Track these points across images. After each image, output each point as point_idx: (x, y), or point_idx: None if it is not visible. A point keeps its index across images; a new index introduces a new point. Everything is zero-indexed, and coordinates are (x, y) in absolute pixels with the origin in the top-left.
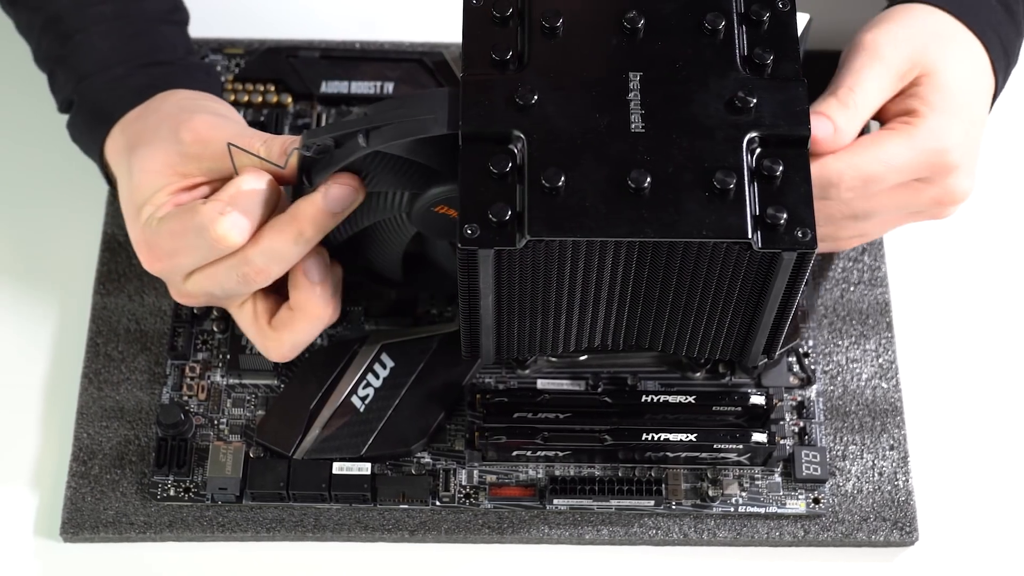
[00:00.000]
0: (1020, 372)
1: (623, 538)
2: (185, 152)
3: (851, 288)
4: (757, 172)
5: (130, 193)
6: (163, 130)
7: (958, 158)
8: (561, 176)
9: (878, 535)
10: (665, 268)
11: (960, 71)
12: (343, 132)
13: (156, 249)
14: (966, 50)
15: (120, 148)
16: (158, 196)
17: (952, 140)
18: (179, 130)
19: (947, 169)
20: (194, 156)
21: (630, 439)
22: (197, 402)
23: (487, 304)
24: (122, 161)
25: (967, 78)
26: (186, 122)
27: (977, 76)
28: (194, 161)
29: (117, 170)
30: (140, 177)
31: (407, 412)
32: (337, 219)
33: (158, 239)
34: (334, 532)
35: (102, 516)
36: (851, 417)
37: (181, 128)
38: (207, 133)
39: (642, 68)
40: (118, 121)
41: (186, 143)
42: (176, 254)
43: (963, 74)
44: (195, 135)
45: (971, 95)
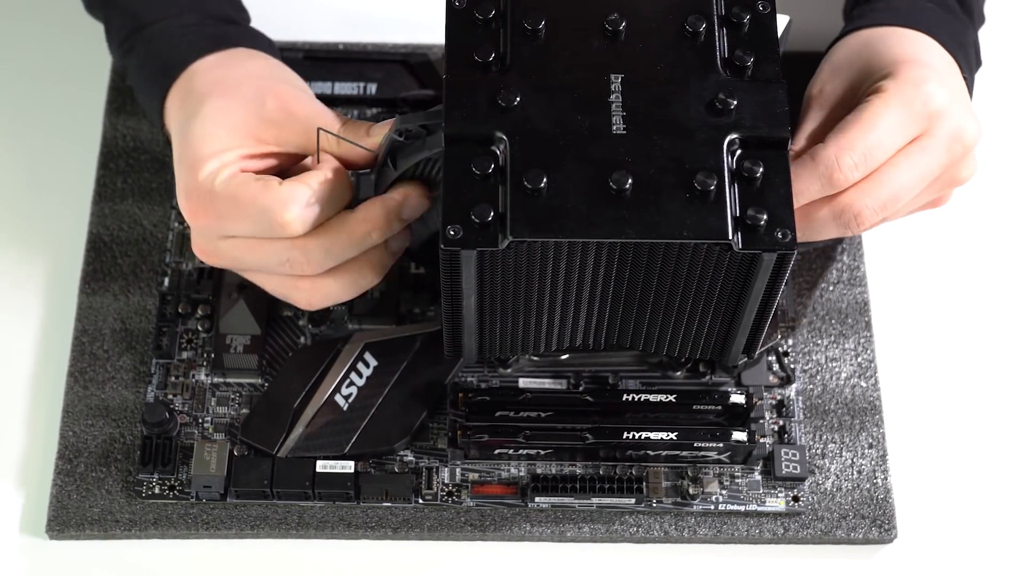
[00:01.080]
0: (997, 371)
1: (604, 536)
2: (266, 118)
3: (830, 287)
4: (737, 173)
5: (194, 141)
6: (247, 89)
7: (944, 100)
8: (543, 177)
9: (857, 533)
10: (646, 268)
11: (903, 48)
12: (434, 121)
13: (207, 206)
14: (904, 38)
15: (189, 94)
16: (227, 155)
17: (929, 86)
18: (265, 95)
19: (938, 114)
20: (274, 124)
21: (611, 438)
22: (182, 401)
23: (470, 304)
24: (190, 107)
25: (916, 48)
26: (272, 89)
27: (925, 47)
28: (273, 129)
29: (181, 114)
30: (212, 128)
31: (390, 411)
32: (403, 224)
33: (214, 199)
34: (317, 530)
35: (88, 514)
36: (830, 416)
37: (267, 94)
38: (292, 105)
39: (624, 70)
40: (191, 65)
41: (269, 110)
42: (227, 218)
43: (908, 48)
44: (280, 104)
45: (925, 56)
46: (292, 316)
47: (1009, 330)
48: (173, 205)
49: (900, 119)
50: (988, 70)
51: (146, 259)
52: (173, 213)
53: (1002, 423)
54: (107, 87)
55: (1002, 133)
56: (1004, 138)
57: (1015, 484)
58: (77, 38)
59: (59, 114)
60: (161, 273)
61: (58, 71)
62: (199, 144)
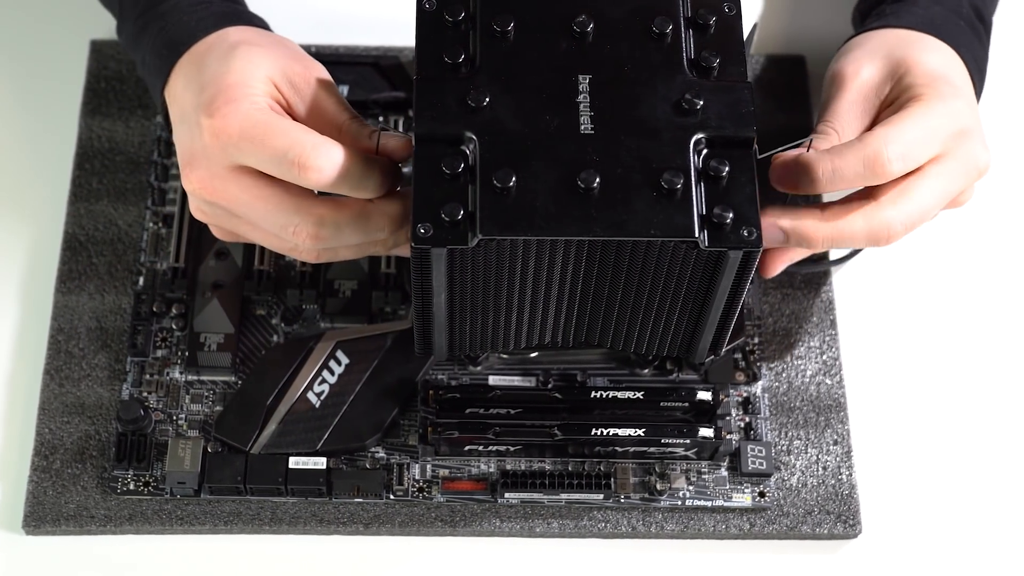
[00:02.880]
0: (959, 369)
1: (573, 531)
2: (294, 82)
3: (796, 286)
4: (704, 173)
5: (228, 73)
6: (281, 48)
7: (971, 123)
8: (512, 176)
9: (822, 528)
10: (614, 267)
11: (938, 60)
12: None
13: (229, 121)
14: (938, 50)
15: (213, 49)
16: (259, 87)
17: (959, 103)
18: (297, 59)
19: (964, 135)
20: (299, 90)
21: (580, 434)
22: (156, 398)
23: (440, 302)
24: (219, 53)
25: (948, 65)
26: (304, 59)
27: (955, 65)
28: (299, 94)
29: (204, 65)
30: (245, 66)
31: (361, 408)
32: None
33: (240, 117)
34: (290, 525)
35: (63, 509)
36: (796, 413)
37: (302, 59)
38: (323, 77)
39: (591, 71)
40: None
41: (297, 73)
42: (248, 139)
43: (942, 62)
44: (308, 75)
45: (956, 76)
46: (265, 315)
47: (971, 329)
48: (148, 206)
49: (937, 129)
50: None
51: (121, 259)
52: (148, 214)
53: (964, 420)
54: (82, 89)
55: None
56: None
57: (977, 480)
58: (53, 39)
59: (35, 115)
60: (136, 272)
61: (34, 73)
62: (235, 74)
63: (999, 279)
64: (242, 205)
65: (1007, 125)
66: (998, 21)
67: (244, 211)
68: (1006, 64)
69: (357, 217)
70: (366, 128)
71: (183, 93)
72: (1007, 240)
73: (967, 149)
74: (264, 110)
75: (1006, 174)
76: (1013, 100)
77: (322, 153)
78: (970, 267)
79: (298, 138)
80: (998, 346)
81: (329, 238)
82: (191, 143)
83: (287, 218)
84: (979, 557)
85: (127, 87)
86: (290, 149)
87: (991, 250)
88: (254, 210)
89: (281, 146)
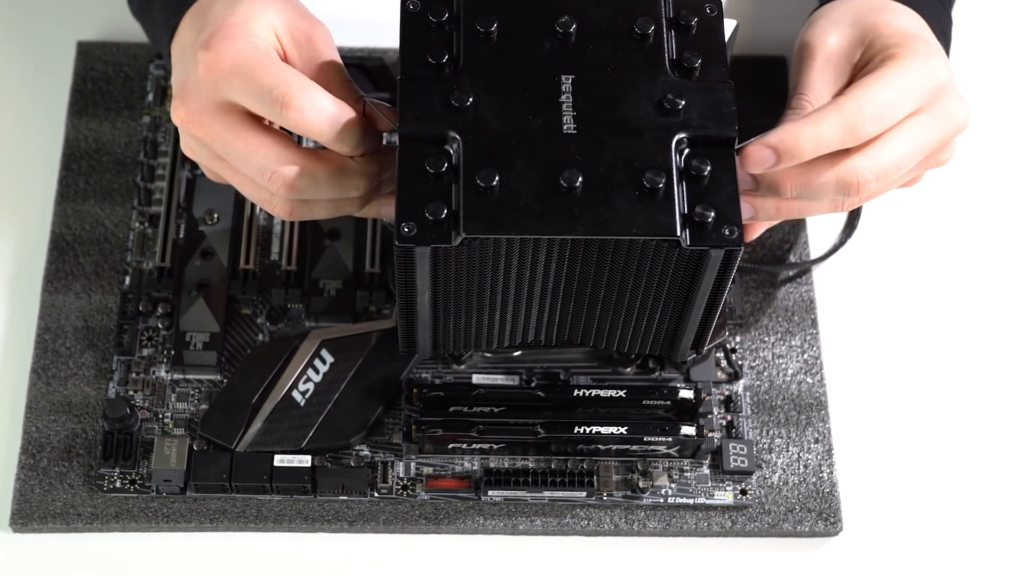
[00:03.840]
0: (939, 368)
1: (556, 528)
2: (296, 37)
3: (778, 286)
4: (686, 172)
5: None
6: (289, 4)
7: (947, 78)
8: (496, 176)
9: (803, 526)
10: (597, 265)
11: (907, 21)
12: None
13: (223, 55)
14: (905, 13)
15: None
16: (260, 31)
17: (935, 60)
18: (304, 17)
19: (941, 90)
20: (300, 45)
21: (563, 432)
22: (143, 397)
23: (424, 300)
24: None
25: (918, 25)
26: (310, 19)
27: (925, 27)
28: (298, 49)
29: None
30: (250, 11)
31: (346, 406)
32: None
33: (235, 51)
34: (275, 523)
35: (50, 507)
36: (777, 411)
37: (308, 18)
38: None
39: (574, 71)
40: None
41: (300, 29)
42: (237, 74)
43: (912, 22)
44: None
45: (928, 35)
46: (250, 314)
47: (951, 328)
48: (134, 206)
49: (913, 86)
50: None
51: (107, 258)
52: (134, 214)
53: (945, 419)
54: (69, 89)
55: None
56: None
57: (957, 478)
58: (40, 40)
59: (22, 116)
60: (122, 272)
61: (21, 74)
62: (238, 16)
63: (979, 278)
64: (225, 144)
65: (989, 124)
66: (999, 22)
67: (226, 151)
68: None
69: (335, 172)
70: (356, 93)
71: (186, 34)
72: (987, 240)
73: (945, 103)
74: (258, 49)
75: (987, 174)
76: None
77: (307, 95)
78: (950, 267)
79: (286, 77)
80: (978, 345)
81: (304, 189)
82: (185, 76)
83: (266, 163)
84: (959, 554)
85: (113, 88)
86: (276, 87)
87: (971, 249)
88: (235, 150)
89: (268, 83)
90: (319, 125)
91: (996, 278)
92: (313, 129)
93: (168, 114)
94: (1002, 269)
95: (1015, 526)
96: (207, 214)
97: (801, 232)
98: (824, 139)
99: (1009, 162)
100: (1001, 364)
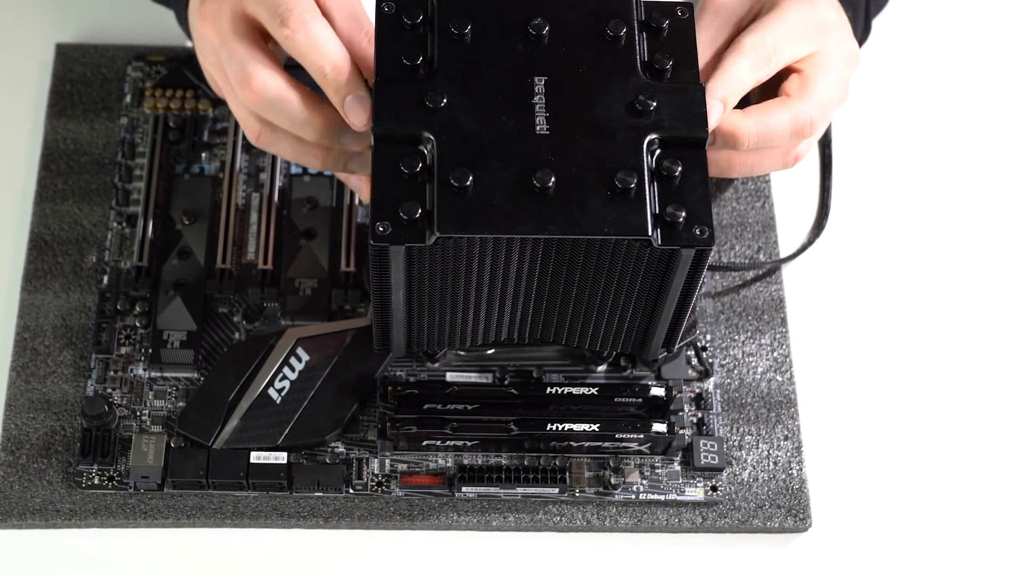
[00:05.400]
0: (906, 366)
1: (528, 524)
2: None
3: (747, 285)
4: (657, 172)
5: None
6: None
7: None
8: (469, 176)
9: (773, 522)
10: (569, 264)
11: None
12: None
13: None
14: None
15: None
16: None
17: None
18: None
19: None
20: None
21: (535, 429)
22: (120, 394)
23: (398, 299)
24: None
25: None
26: None
27: None
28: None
29: None
30: None
31: (322, 404)
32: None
33: None
34: (251, 519)
35: (29, 503)
36: (747, 408)
37: None
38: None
39: (547, 73)
40: None
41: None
42: None
43: None
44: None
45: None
46: (227, 313)
47: (918, 326)
48: (112, 206)
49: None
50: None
51: (86, 258)
52: (112, 214)
53: (912, 415)
54: (48, 92)
55: (904, 135)
56: (907, 140)
57: (924, 474)
58: (19, 42)
59: (2, 118)
60: (100, 271)
61: (1, 77)
62: None
63: (944, 276)
64: (221, 40)
65: (951, 125)
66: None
67: (219, 45)
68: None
69: (304, 101)
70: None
71: None
72: (952, 238)
73: (837, 42)
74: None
75: (951, 174)
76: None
77: (308, 19)
78: (916, 265)
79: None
80: (944, 343)
81: (267, 107)
82: None
83: (244, 65)
84: (925, 549)
85: (92, 90)
86: (284, 3)
87: (936, 248)
88: (225, 48)
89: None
90: (308, 49)
91: (961, 276)
92: (302, 52)
93: (145, 115)
94: (968, 267)
95: (981, 520)
96: (184, 214)
97: (771, 232)
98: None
99: (973, 162)
100: (968, 360)
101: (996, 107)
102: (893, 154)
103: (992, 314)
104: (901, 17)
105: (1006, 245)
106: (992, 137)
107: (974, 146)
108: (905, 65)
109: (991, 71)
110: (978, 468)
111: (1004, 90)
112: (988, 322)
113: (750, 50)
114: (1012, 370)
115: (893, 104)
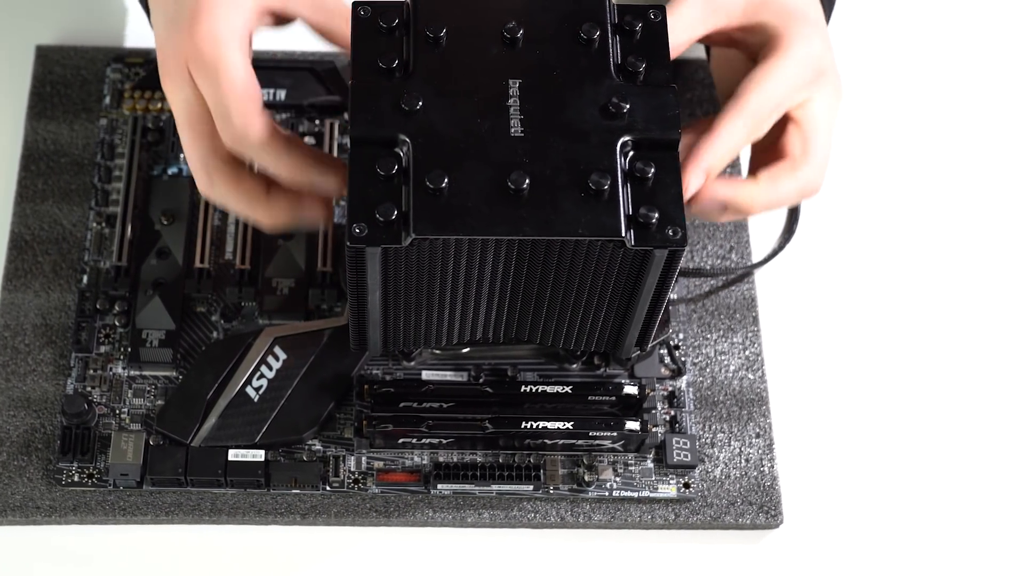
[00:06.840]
0: (877, 364)
1: (503, 521)
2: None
3: (720, 284)
4: (630, 174)
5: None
6: None
7: (827, 63)
8: (444, 178)
9: (745, 518)
10: (543, 265)
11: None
12: None
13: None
14: None
15: None
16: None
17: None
18: None
19: (822, 74)
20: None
21: (510, 427)
22: (100, 393)
23: (374, 299)
24: None
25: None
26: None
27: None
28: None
29: None
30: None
31: (299, 402)
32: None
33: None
34: (229, 516)
35: (9, 501)
36: (719, 406)
37: None
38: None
39: (521, 76)
40: None
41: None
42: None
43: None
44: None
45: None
46: (205, 312)
47: (888, 325)
48: (91, 206)
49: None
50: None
51: (66, 257)
52: (92, 214)
53: (882, 413)
54: (28, 93)
55: (874, 140)
56: (876, 145)
57: (894, 471)
58: (0, 45)
59: None
60: (80, 271)
61: None
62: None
63: (911, 277)
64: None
65: (923, 130)
66: (999, 23)
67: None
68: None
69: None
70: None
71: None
72: (920, 240)
73: (831, 85)
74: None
75: (920, 179)
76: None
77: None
78: (886, 266)
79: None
80: (914, 341)
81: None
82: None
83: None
84: (896, 546)
85: (72, 91)
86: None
87: (904, 250)
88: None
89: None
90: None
91: (930, 277)
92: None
93: (124, 117)
94: (937, 269)
95: (952, 515)
96: (163, 215)
97: (743, 231)
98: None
99: (944, 167)
100: (937, 358)
101: (968, 111)
102: (864, 158)
103: (961, 314)
104: (874, 20)
105: (976, 246)
106: (964, 141)
107: (945, 151)
108: (876, 70)
109: (964, 75)
110: (949, 464)
111: (976, 94)
112: (956, 321)
113: (749, 114)
114: (981, 367)
115: (864, 109)
